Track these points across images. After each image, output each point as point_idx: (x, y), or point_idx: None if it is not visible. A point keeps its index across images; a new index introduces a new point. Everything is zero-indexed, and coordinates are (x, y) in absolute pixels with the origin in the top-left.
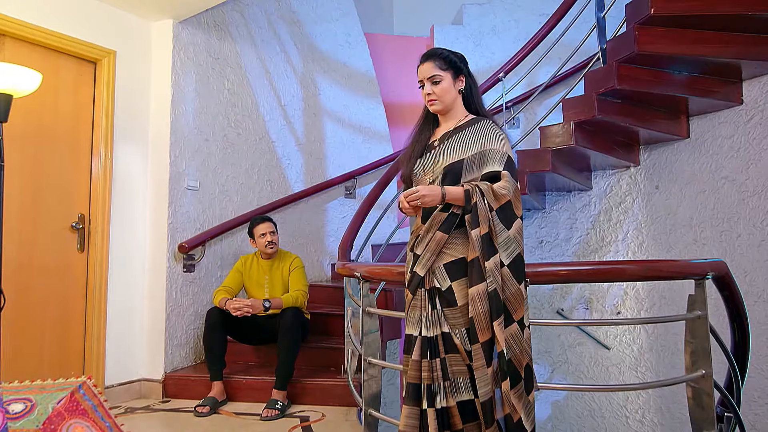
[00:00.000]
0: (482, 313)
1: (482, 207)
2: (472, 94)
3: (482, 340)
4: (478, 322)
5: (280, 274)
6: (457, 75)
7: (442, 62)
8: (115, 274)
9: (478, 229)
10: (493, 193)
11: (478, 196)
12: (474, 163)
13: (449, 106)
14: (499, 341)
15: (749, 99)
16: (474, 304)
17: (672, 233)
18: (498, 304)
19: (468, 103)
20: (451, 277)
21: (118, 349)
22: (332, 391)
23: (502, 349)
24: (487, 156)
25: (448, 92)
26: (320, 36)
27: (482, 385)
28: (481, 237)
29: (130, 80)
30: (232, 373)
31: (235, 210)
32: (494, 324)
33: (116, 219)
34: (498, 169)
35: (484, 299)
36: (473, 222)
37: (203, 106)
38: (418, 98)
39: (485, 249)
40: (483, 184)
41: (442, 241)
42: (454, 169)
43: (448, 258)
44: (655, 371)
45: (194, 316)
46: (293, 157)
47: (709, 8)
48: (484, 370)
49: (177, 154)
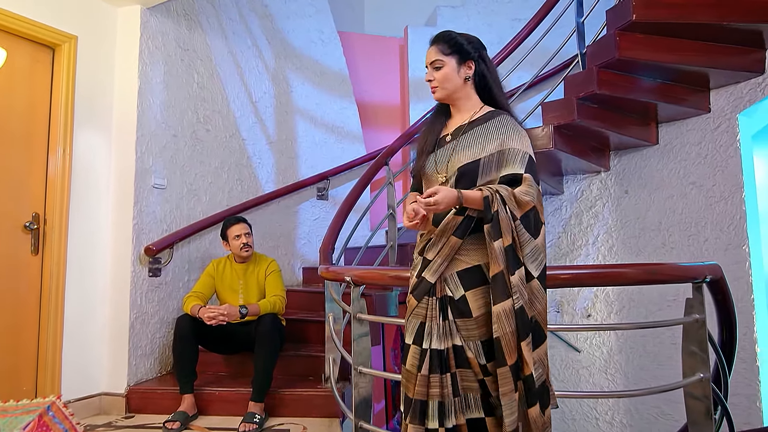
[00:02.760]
0: (510, 333)
1: (504, 216)
2: (487, 82)
3: (510, 362)
4: (506, 343)
5: (256, 278)
6: (463, 60)
7: (446, 46)
8: (74, 278)
9: (501, 240)
10: (515, 199)
11: (499, 203)
12: (492, 164)
13: (453, 94)
14: (527, 363)
15: (716, 107)
16: (500, 323)
17: (641, 237)
18: (525, 322)
19: (483, 93)
20: (465, 285)
21: (76, 360)
22: (313, 402)
23: (531, 372)
24: (506, 156)
25: (449, 79)
26: (293, 32)
27: (509, 413)
28: (505, 249)
29: (93, 69)
30: (202, 385)
31: (203, 210)
32: (522, 345)
33: (75, 219)
34: (519, 172)
35: (511, 318)
36: (495, 232)
37: (171, 99)
38: (390, 99)
39: (510, 262)
40: (503, 189)
41: (456, 247)
42: (470, 170)
43: (462, 265)
44: (623, 373)
45: (160, 324)
46: (264, 156)
47: (688, 16)
48: (512, 396)
49: (143, 150)
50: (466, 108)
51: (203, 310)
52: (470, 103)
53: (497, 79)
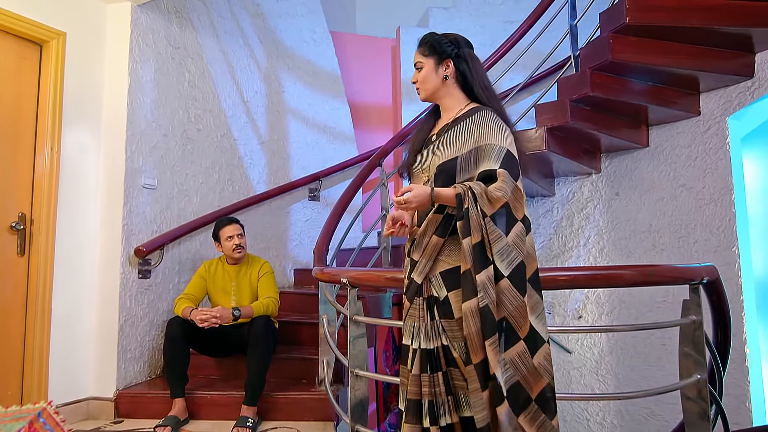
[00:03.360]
0: (475, 332)
1: (474, 213)
2: (468, 79)
3: (476, 361)
4: (471, 341)
5: (248, 280)
6: (441, 60)
7: (425, 48)
8: (61, 280)
9: (469, 239)
10: (487, 196)
11: (470, 200)
12: (470, 161)
13: (434, 94)
14: (491, 363)
15: (706, 110)
16: (466, 321)
17: (632, 239)
18: (491, 321)
19: (469, 91)
20: (448, 286)
21: (64, 364)
22: (306, 405)
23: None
24: (483, 152)
25: (428, 79)
26: (284, 31)
27: (478, 410)
28: (473, 246)
29: (82, 66)
30: (193, 389)
31: (194, 211)
32: (486, 344)
33: (63, 219)
34: (494, 168)
35: (476, 316)
36: (465, 230)
37: (162, 98)
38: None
39: (477, 260)
40: (476, 186)
41: (438, 246)
42: (448, 168)
43: (444, 265)
44: (614, 374)
45: (150, 327)
46: (256, 156)
47: (681, 20)
48: (478, 394)
49: (133, 149)
50: (450, 107)
51: (195, 312)
52: (454, 102)
53: (481, 76)
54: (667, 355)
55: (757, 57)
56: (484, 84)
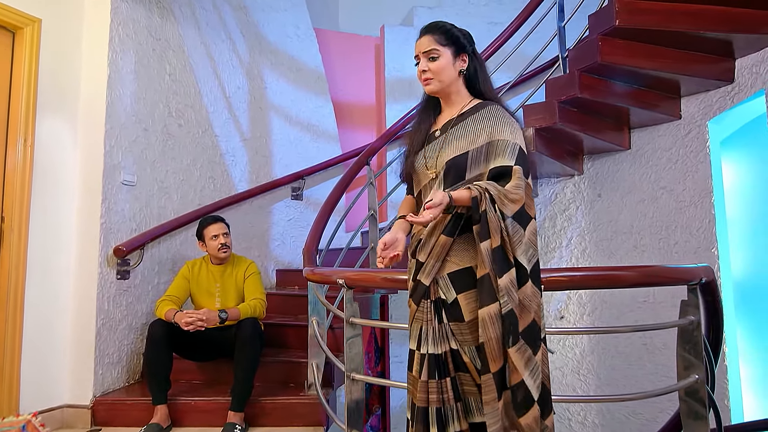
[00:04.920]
0: (494, 339)
1: (493, 216)
2: (478, 76)
3: (494, 369)
4: (489, 349)
5: (234, 280)
6: (459, 53)
7: (443, 36)
8: (35, 281)
9: (489, 242)
10: (506, 198)
11: (488, 202)
12: (480, 156)
13: (447, 87)
14: (517, 369)
15: (687, 114)
16: (485, 328)
17: (613, 240)
18: (514, 327)
19: (473, 87)
20: (457, 288)
21: (37, 370)
22: (295, 410)
23: (521, 379)
24: (495, 148)
25: (445, 71)
26: (267, 25)
27: (492, 422)
28: (492, 250)
29: (58, 55)
30: (176, 395)
31: (174, 209)
32: (510, 351)
33: (37, 217)
34: (508, 164)
35: (496, 322)
36: (483, 233)
37: (142, 91)
38: (366, 99)
39: (498, 264)
40: (492, 188)
41: (447, 246)
42: (458, 163)
43: (452, 267)
44: (596, 374)
45: (128, 330)
46: (238, 153)
47: (667, 24)
48: (494, 404)
49: (112, 143)
50: (456, 102)
51: (180, 315)
52: (460, 98)
53: (488, 75)
54: (648, 354)
55: (737, 63)
56: (490, 81)
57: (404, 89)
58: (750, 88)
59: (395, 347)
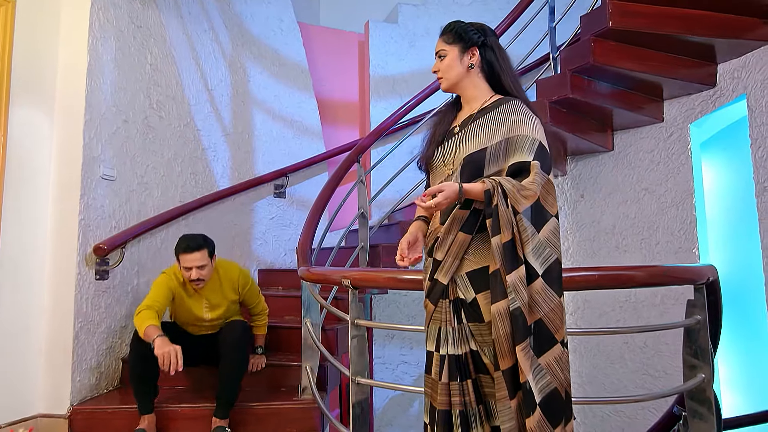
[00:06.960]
0: (504, 336)
1: (504, 210)
2: (495, 69)
3: (504, 367)
4: (499, 345)
5: (222, 293)
6: (466, 48)
7: (449, 35)
8: (7, 282)
9: (499, 237)
10: (519, 192)
11: (500, 196)
12: (499, 152)
13: (457, 84)
14: (522, 369)
15: (669, 117)
16: (495, 324)
17: (596, 240)
18: (523, 325)
19: (494, 82)
20: (475, 288)
21: (8, 378)
22: (289, 416)
23: (526, 380)
24: (514, 143)
25: (452, 68)
26: (251, 18)
27: (505, 420)
28: (503, 245)
29: (33, 40)
30: (161, 402)
31: (155, 206)
32: (517, 349)
33: (9, 213)
34: (527, 159)
35: (505, 319)
36: (494, 228)
37: (123, 80)
38: (349, 96)
39: (507, 260)
40: (506, 182)
41: (465, 243)
42: (476, 160)
43: (471, 265)
44: (578, 372)
45: (107, 334)
46: (220, 148)
47: (657, 26)
48: (506, 402)
49: (92, 135)
50: (474, 98)
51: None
52: (479, 93)
53: (509, 66)
54: (629, 353)
55: (720, 67)
56: (513, 75)
57: (388, 87)
58: (731, 93)
59: (378, 348)
